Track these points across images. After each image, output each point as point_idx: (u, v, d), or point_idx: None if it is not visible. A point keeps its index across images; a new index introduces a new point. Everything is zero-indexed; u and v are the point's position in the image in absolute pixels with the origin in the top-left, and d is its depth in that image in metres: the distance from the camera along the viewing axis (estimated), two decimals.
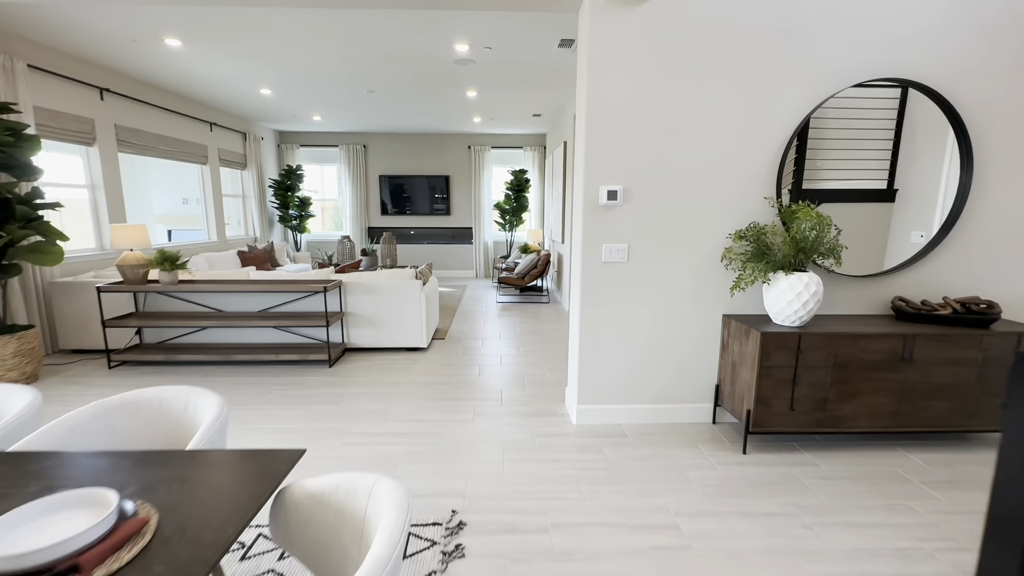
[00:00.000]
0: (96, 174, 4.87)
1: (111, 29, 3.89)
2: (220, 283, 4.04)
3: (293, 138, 8.91)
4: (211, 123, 6.71)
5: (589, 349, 2.87)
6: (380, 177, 9.00)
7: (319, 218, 10.08)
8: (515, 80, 5.34)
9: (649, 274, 2.78)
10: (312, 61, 4.71)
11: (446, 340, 4.79)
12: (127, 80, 5.19)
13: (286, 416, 3.01)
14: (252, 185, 7.77)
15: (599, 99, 2.59)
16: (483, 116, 7.32)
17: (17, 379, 3.45)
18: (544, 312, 6.13)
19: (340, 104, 6.55)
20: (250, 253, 6.80)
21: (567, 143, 6.31)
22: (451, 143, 8.98)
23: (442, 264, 9.35)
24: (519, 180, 8.56)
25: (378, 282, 4.23)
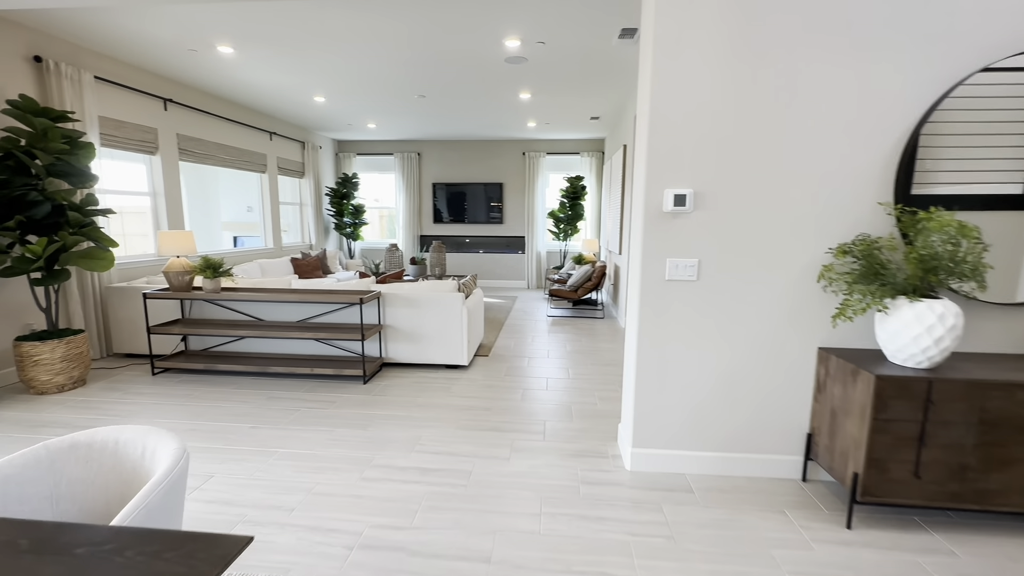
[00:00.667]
0: (158, 182, 5.00)
1: (169, 39, 3.93)
2: (259, 291, 3.95)
3: (350, 147, 9.02)
4: (271, 132, 6.84)
5: (648, 381, 2.42)
6: (433, 185, 8.91)
7: (375, 225, 10.16)
8: (571, 79, 4.97)
9: (724, 295, 2.30)
10: (362, 66, 4.59)
11: (490, 357, 4.46)
12: (189, 91, 5.33)
13: (308, 440, 2.78)
14: (309, 193, 7.89)
15: (665, 85, 2.17)
16: (538, 120, 7.00)
17: (65, 383, 3.48)
18: (598, 329, 5.66)
19: (392, 110, 6.47)
20: (303, 260, 6.84)
21: (627, 146, 5.85)
22: (505, 149, 8.74)
23: (492, 274, 9.09)
24: (575, 187, 8.15)
25: (418, 294, 3.97)
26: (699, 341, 2.35)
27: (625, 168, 5.87)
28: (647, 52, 2.24)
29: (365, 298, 3.65)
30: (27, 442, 2.74)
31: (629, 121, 5.60)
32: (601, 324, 5.91)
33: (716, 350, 2.35)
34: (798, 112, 2.14)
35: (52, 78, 3.81)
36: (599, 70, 4.67)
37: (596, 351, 4.69)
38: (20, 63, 3.66)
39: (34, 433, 2.84)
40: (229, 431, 2.88)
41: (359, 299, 3.61)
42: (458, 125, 7.40)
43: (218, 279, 3.88)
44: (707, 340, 2.35)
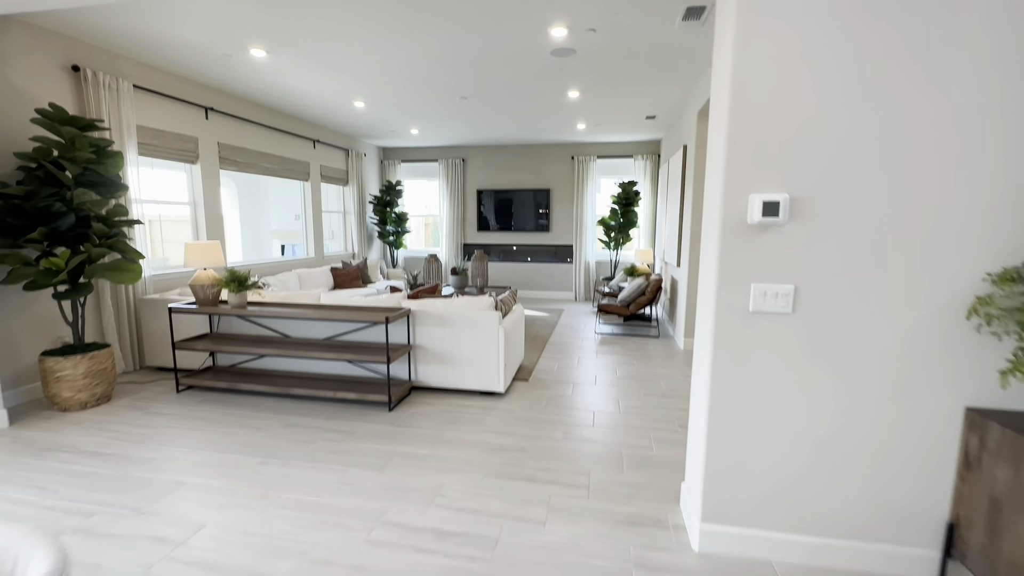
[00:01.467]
0: (197, 191, 4.95)
1: (201, 44, 3.80)
2: (284, 307, 3.71)
3: (394, 154, 8.89)
4: (314, 140, 6.76)
5: (723, 439, 1.89)
6: (478, 192, 8.60)
7: (420, 234, 10.00)
8: (624, 72, 4.47)
9: (829, 333, 1.74)
10: (399, 66, 4.31)
11: (530, 382, 4.01)
12: (230, 98, 5.27)
13: (318, 482, 2.44)
14: (353, 201, 7.78)
15: (754, 55, 1.66)
16: (587, 121, 6.52)
17: (88, 400, 3.36)
18: (652, 349, 5.08)
19: (434, 114, 6.19)
20: (343, 270, 6.69)
21: (687, 147, 5.25)
22: (552, 154, 8.30)
23: (537, 284, 8.65)
24: (627, 193, 7.58)
25: (450, 313, 3.60)
26: (793, 392, 1.81)
27: (685, 171, 5.27)
28: (728, 13, 1.74)
29: (392, 317, 3.31)
30: (33, 469, 2.57)
31: (690, 119, 5.02)
32: (656, 344, 5.32)
33: (817, 404, 1.79)
34: (932, 90, 1.57)
35: (90, 87, 3.76)
36: (657, 60, 4.15)
37: (650, 378, 4.13)
38: (58, 72, 3.63)
39: (42, 459, 2.68)
40: (236, 466, 2.60)
41: (384, 318, 3.27)
42: (503, 129, 7.05)
43: (244, 293, 3.68)
44: (804, 391, 1.80)
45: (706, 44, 3.77)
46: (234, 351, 3.55)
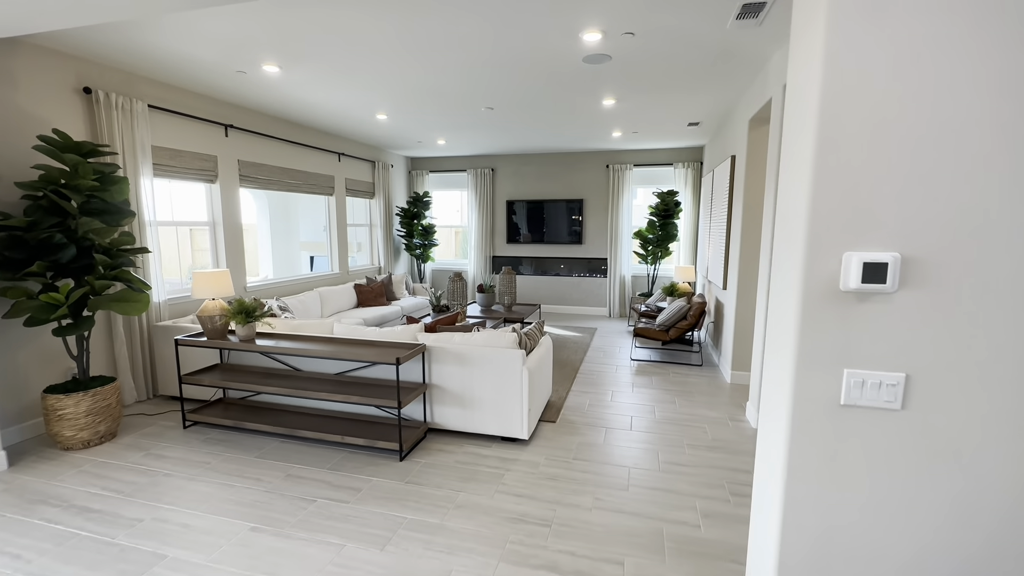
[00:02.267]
0: (217, 210, 4.81)
1: (214, 61, 3.61)
2: (292, 339, 3.46)
3: (422, 164, 8.67)
4: (339, 153, 6.59)
5: (799, 568, 1.46)
6: (508, 202, 8.27)
7: (450, 245, 9.77)
8: (665, 78, 4.02)
9: (953, 439, 1.29)
10: (419, 79, 4.02)
11: (557, 424, 3.63)
12: (250, 115, 5.12)
13: (308, 561, 2.14)
14: (379, 213, 7.59)
15: (853, 65, 1.23)
16: (623, 129, 6.07)
17: (90, 439, 3.20)
18: (695, 382, 4.59)
19: (459, 125, 5.89)
20: (366, 287, 6.48)
21: (735, 158, 4.74)
22: (585, 162, 7.87)
23: (569, 299, 8.23)
24: (667, 203, 7.07)
25: (470, 350, 3.26)
26: (906, 516, 1.36)
27: (733, 184, 4.76)
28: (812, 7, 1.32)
29: (403, 358, 3.00)
30: (15, 528, 2.38)
31: (739, 127, 4.51)
32: (698, 375, 4.82)
33: (943, 534, 1.34)
34: None
35: (102, 110, 3.64)
36: (703, 64, 3.68)
37: (694, 422, 3.67)
38: (69, 95, 3.51)
39: (28, 514, 2.50)
40: (226, 533, 2.34)
41: (395, 359, 2.96)
42: (533, 138, 6.68)
43: (252, 324, 3.46)
44: (922, 516, 1.34)
45: (762, 45, 3.29)
46: (240, 387, 3.33)
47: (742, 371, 4.55)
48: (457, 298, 5.76)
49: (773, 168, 3.33)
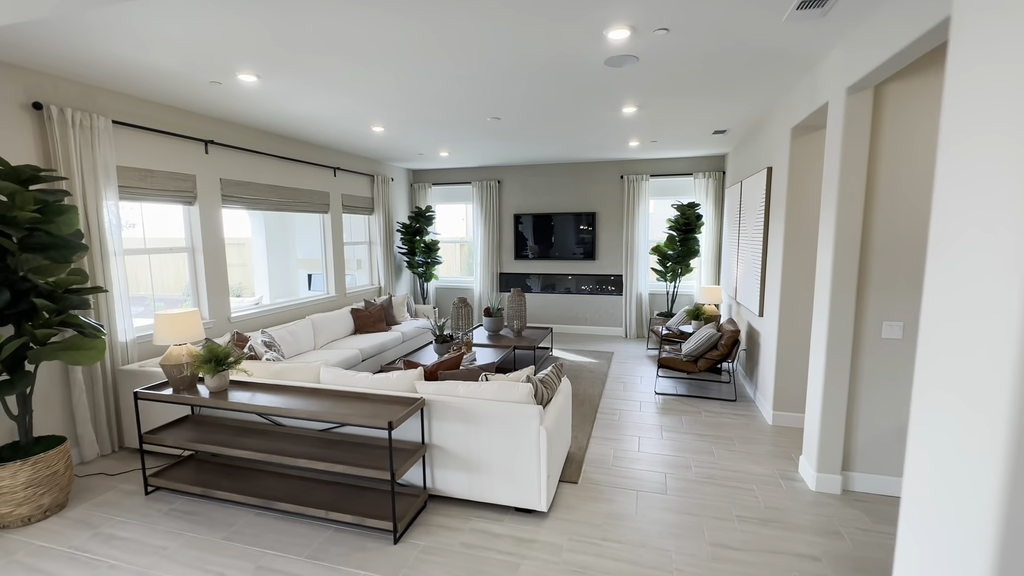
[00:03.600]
0: (196, 235, 4.35)
1: (181, 70, 3.16)
2: (269, 391, 2.97)
3: (425, 176, 8.21)
4: (334, 168, 6.14)
5: None
6: (515, 216, 7.78)
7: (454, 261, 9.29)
8: (697, 80, 3.52)
9: None
10: (420, 89, 3.54)
11: (580, 485, 3.11)
12: (234, 129, 4.67)
13: None
14: (379, 230, 7.13)
15: None
16: (642, 138, 5.57)
17: (31, 515, 2.72)
18: (731, 423, 4.06)
19: (462, 136, 5.42)
20: (364, 311, 6.00)
21: (772, 170, 4.23)
22: (598, 173, 7.38)
23: (582, 319, 7.71)
24: (687, 217, 6.55)
25: (476, 405, 2.75)
26: None
27: (770, 200, 4.24)
28: None
29: (397, 420, 2.50)
30: None
31: (778, 135, 3.99)
32: (734, 413, 4.28)
33: None
34: None
35: (55, 127, 3.18)
36: (743, 64, 3.18)
37: (740, 482, 3.13)
38: (15, 112, 3.06)
39: None
40: None
41: (387, 423, 2.46)
42: (542, 148, 6.20)
43: (224, 373, 2.97)
44: None
45: (818, 41, 2.78)
46: (209, 448, 2.84)
47: (787, 412, 4.00)
48: (463, 324, 5.26)
49: (835, 183, 2.81)
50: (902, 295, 2.80)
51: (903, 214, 2.76)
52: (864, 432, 2.95)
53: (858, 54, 2.57)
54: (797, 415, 3.98)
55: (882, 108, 2.72)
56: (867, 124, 2.72)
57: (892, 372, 2.87)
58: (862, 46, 2.53)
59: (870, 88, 2.70)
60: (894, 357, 2.86)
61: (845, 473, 3.01)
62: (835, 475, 2.98)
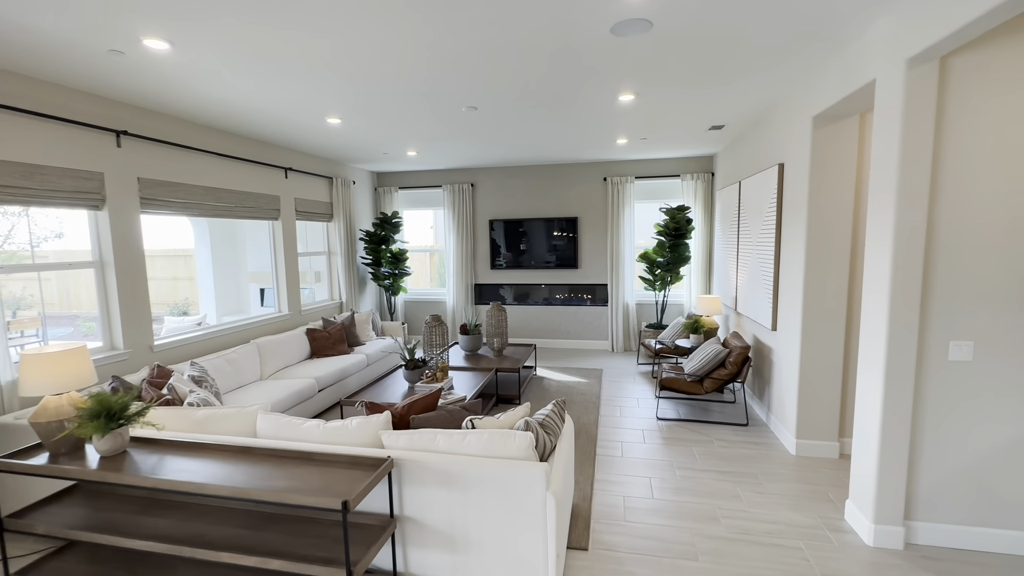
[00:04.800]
0: (104, 246, 3.54)
1: (63, 33, 2.41)
2: (182, 451, 2.22)
3: (390, 180, 7.50)
4: (286, 168, 5.38)
5: None
6: (490, 222, 7.17)
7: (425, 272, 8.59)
8: (714, 60, 3.01)
9: None
10: (383, 69, 2.90)
11: (591, 553, 2.49)
12: (154, 119, 3.88)
13: None
14: (339, 239, 6.37)
15: None
16: (631, 135, 5.07)
17: None
18: (751, 454, 3.54)
19: (434, 132, 4.78)
20: (322, 332, 5.24)
21: (783, 166, 3.78)
22: (580, 175, 6.86)
23: (565, 332, 7.14)
24: (677, 221, 6.09)
25: (460, 465, 2.10)
26: None
27: (782, 200, 3.78)
28: None
29: (354, 498, 1.82)
30: None
31: (794, 126, 3.53)
32: (749, 441, 3.76)
33: None
34: None
35: None
36: (773, 36, 2.68)
37: (781, 537, 2.58)
38: None
39: None
40: None
41: (341, 505, 1.78)
42: (521, 147, 5.62)
43: (121, 430, 2.22)
44: None
45: (860, 8, 2.30)
46: (97, 536, 2.08)
47: (814, 440, 3.51)
48: (437, 344, 4.58)
49: (893, 177, 2.33)
50: (971, 309, 2.33)
51: (974, 210, 2.29)
52: (929, 473, 2.46)
53: (923, 18, 2.09)
54: (825, 443, 3.50)
55: (948, 84, 2.26)
56: (932, 103, 2.25)
57: (960, 400, 2.39)
58: (930, 7, 2.05)
59: (936, 60, 2.23)
60: (963, 382, 2.38)
61: (908, 523, 2.50)
62: (896, 527, 2.48)
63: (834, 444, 3.49)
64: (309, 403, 4.29)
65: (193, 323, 6.62)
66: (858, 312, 3.43)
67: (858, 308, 3.43)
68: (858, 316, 3.44)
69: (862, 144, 3.32)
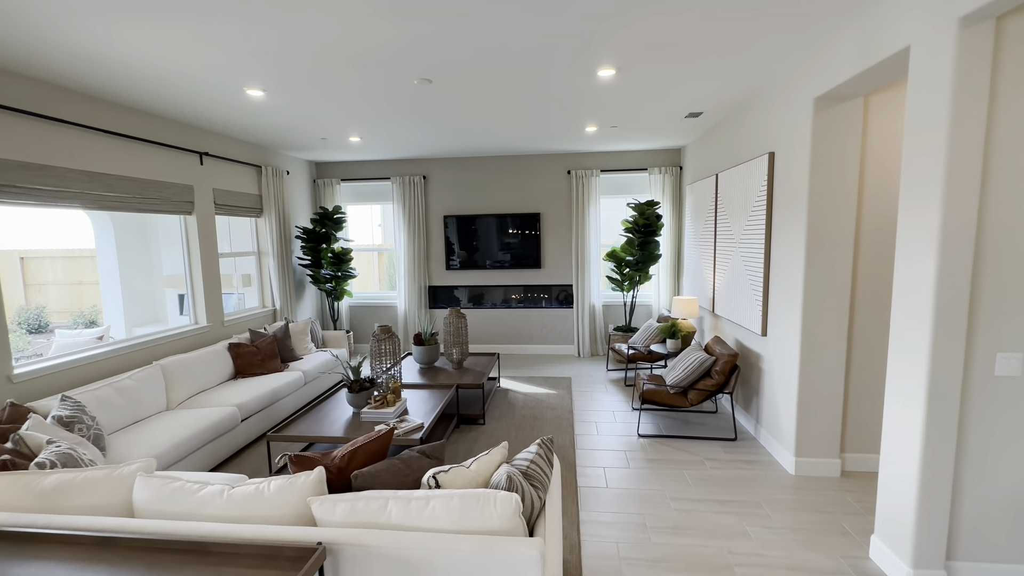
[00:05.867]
0: None
1: None
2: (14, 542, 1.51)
3: (332, 171, 6.71)
4: (200, 153, 4.53)
5: None
6: (444, 219, 6.55)
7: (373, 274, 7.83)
8: (712, 27, 2.57)
9: None
10: (315, 25, 2.24)
11: None
12: (13, 81, 3.00)
13: None
14: (271, 237, 5.55)
15: None
16: (602, 121, 4.62)
17: None
18: (747, 476, 3.16)
19: (379, 112, 4.12)
20: (249, 346, 4.45)
21: (774, 155, 3.43)
22: (542, 167, 6.37)
23: (528, 337, 6.64)
24: (647, 216, 5.72)
25: (421, 550, 1.52)
26: None
27: (772, 193, 3.43)
28: None
29: None
30: None
31: (786, 109, 3.17)
32: (742, 459, 3.39)
33: None
34: None
35: None
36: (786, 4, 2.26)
37: None
38: None
39: None
40: None
41: None
42: (479, 133, 5.04)
43: None
44: None
45: None
46: None
47: (815, 459, 3.18)
48: (386, 357, 3.92)
49: (941, 162, 1.95)
50: (1022, 317, 2.01)
51: None
52: (972, 504, 2.12)
53: None
54: (827, 461, 3.18)
55: (1003, 49, 1.91)
56: (986, 72, 1.89)
57: (1008, 420, 2.07)
58: None
59: (992, 19, 1.87)
60: (1011, 400, 2.06)
61: (949, 564, 2.16)
62: (938, 571, 2.13)
63: (836, 461, 3.17)
64: (230, 436, 3.54)
65: (92, 337, 5.58)
66: (861, 317, 3.13)
67: (861, 313, 3.12)
68: (861, 321, 3.13)
69: (866, 129, 3.00)
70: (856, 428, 3.21)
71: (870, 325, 3.12)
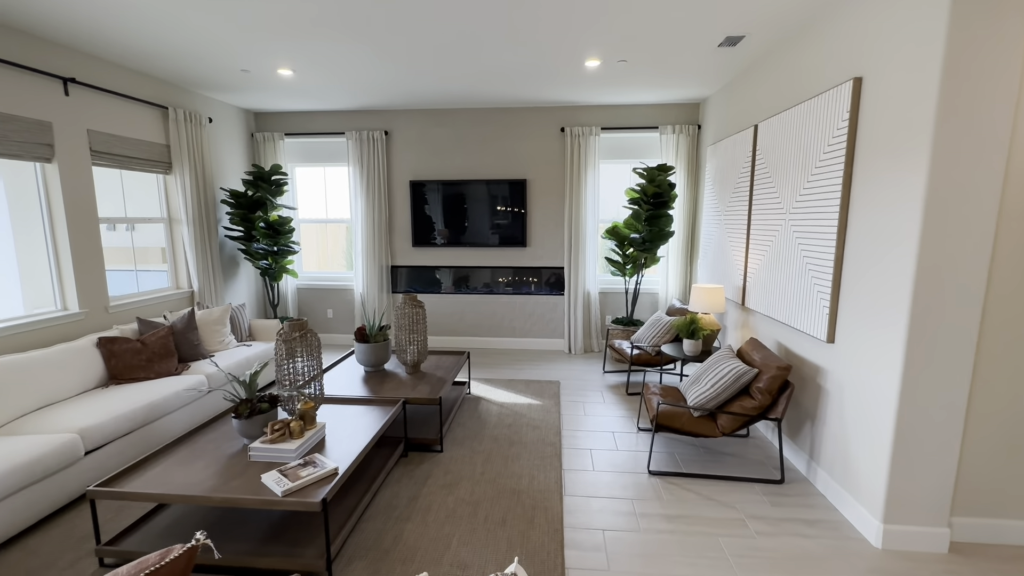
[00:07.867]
0: None
1: None
2: None
3: (273, 122, 5.50)
4: (65, 79, 3.33)
5: None
6: (411, 184, 5.40)
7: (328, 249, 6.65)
8: None
9: None
10: None
11: None
12: None
13: None
14: (185, 201, 4.37)
15: None
16: (608, 51, 3.48)
17: None
18: (806, 545, 2.15)
19: (312, 22, 2.94)
20: (129, 343, 3.33)
21: (861, 81, 2.34)
22: (531, 124, 5.22)
23: (510, 329, 5.58)
24: (659, 185, 4.63)
25: None
26: None
27: (855, 136, 2.35)
28: None
29: None
30: None
31: (905, 9, 2.07)
32: (797, 517, 2.39)
33: None
34: None
35: None
36: None
37: None
38: None
39: None
40: None
41: None
42: (451, 73, 3.87)
43: None
44: None
45: None
46: None
47: (913, 527, 2.18)
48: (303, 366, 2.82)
49: None
50: None
51: None
52: None
53: None
54: (931, 531, 2.17)
55: None
56: None
57: None
58: None
59: None
60: None
61: None
62: None
63: (944, 531, 2.17)
64: (62, 479, 2.45)
65: None
66: (994, 326, 2.09)
67: (996, 320, 2.09)
68: (993, 335, 2.09)
69: None
70: (973, 481, 2.21)
71: (1009, 344, 2.09)
